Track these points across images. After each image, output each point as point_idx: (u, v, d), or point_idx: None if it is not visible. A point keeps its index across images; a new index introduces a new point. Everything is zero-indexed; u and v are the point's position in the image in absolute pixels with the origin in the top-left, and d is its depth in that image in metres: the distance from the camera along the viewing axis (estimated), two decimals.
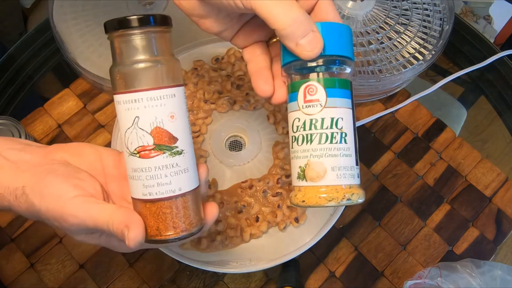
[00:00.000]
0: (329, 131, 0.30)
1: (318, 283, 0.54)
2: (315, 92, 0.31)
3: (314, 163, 0.30)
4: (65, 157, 0.34)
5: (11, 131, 0.51)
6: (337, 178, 0.30)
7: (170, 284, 0.54)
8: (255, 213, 0.48)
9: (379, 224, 0.57)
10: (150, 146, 0.30)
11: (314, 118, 0.30)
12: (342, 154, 0.30)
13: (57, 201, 0.31)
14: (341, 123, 0.31)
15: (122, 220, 0.30)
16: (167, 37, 0.32)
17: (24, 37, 0.67)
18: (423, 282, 0.51)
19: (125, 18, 0.30)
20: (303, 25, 0.30)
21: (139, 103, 0.30)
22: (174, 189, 0.31)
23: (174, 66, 0.32)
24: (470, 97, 0.69)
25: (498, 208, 0.59)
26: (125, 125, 0.31)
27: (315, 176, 0.30)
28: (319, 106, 0.30)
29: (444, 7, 0.64)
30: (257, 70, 0.36)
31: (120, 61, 0.31)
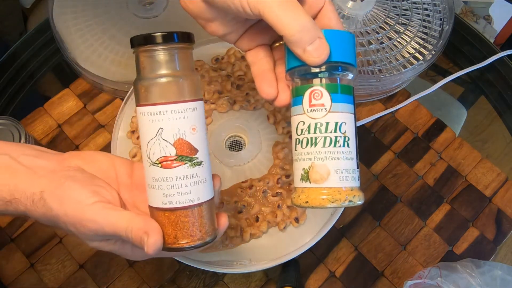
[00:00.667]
0: (333, 135, 0.31)
1: (318, 283, 0.54)
2: (320, 97, 0.31)
3: (318, 166, 0.31)
4: (80, 164, 0.34)
5: (11, 131, 0.51)
6: (339, 180, 0.31)
7: (170, 284, 0.54)
8: (255, 213, 0.48)
9: (379, 224, 0.57)
10: (172, 157, 0.32)
11: (319, 122, 0.31)
12: (345, 157, 0.31)
13: (76, 207, 0.31)
14: (344, 127, 0.31)
15: (142, 226, 0.31)
16: (190, 53, 0.33)
17: (24, 37, 0.67)
18: (423, 282, 0.51)
19: (154, 35, 0.32)
20: (311, 32, 0.31)
21: (163, 115, 0.31)
22: (193, 199, 0.32)
23: (196, 80, 0.33)
24: (470, 97, 0.69)
25: (498, 208, 0.59)
26: (148, 136, 0.32)
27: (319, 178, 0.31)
28: (324, 111, 0.31)
29: (444, 7, 0.64)
30: (260, 72, 0.36)
31: (145, 75, 0.32)
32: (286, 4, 0.31)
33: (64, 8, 0.64)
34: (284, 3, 0.31)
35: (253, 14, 0.31)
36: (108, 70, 0.60)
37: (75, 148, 0.60)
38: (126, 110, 0.53)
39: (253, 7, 0.30)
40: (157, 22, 0.64)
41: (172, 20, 0.64)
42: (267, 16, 0.30)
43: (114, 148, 0.51)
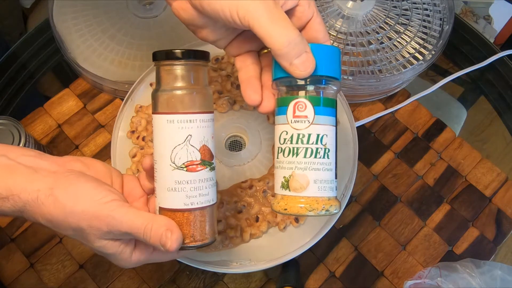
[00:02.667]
0: (314, 146, 0.32)
1: (318, 283, 0.54)
2: (304, 109, 0.33)
3: (298, 175, 0.32)
4: (81, 169, 0.35)
5: (11, 131, 0.51)
6: (318, 190, 0.32)
7: (170, 284, 0.54)
8: (255, 213, 0.48)
9: (379, 224, 0.57)
10: (197, 161, 0.34)
11: (301, 133, 0.33)
12: (324, 168, 0.33)
13: (94, 204, 0.32)
14: (325, 139, 0.33)
15: (164, 224, 0.33)
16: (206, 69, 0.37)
17: (24, 37, 0.67)
18: (423, 282, 0.51)
19: (187, 51, 0.34)
20: (298, 46, 0.32)
21: (193, 123, 0.34)
22: (210, 200, 0.35)
23: (212, 95, 0.37)
24: (470, 97, 0.69)
25: (498, 208, 0.59)
26: (176, 142, 0.34)
27: (299, 187, 0.32)
28: (307, 122, 0.33)
29: (444, 7, 0.64)
30: (247, 78, 0.37)
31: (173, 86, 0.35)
32: (275, 17, 0.31)
33: (64, 8, 0.64)
34: (273, 16, 0.31)
35: (243, 25, 0.32)
36: (108, 70, 0.60)
37: (75, 148, 0.60)
38: (126, 110, 0.53)
39: (243, 18, 0.31)
40: (157, 22, 0.64)
41: (172, 20, 0.64)
42: (256, 28, 0.31)
43: (114, 148, 0.51)
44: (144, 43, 0.63)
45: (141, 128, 0.52)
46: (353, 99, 0.62)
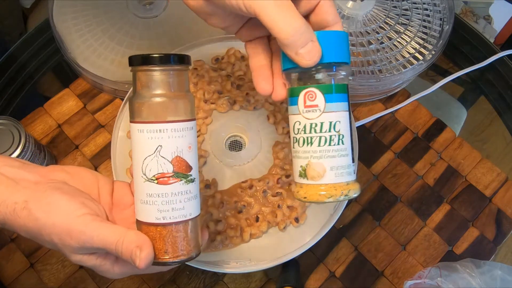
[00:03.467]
0: (327, 134, 0.32)
1: (318, 283, 0.54)
2: (315, 98, 0.32)
3: (315, 164, 0.32)
4: (64, 178, 0.35)
5: (11, 131, 0.51)
6: (335, 177, 0.32)
7: (170, 284, 0.54)
8: (255, 213, 0.48)
9: (379, 224, 0.57)
10: (169, 174, 0.33)
11: (313, 122, 0.32)
12: (340, 154, 0.33)
13: (65, 217, 0.31)
14: (338, 126, 0.33)
15: (134, 240, 0.31)
16: (187, 74, 0.35)
17: (24, 37, 0.67)
18: (423, 282, 0.51)
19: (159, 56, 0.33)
20: (304, 36, 0.31)
21: (163, 133, 0.32)
22: (186, 214, 0.33)
23: (192, 101, 0.35)
24: (470, 97, 0.69)
25: (498, 208, 0.59)
26: (145, 153, 0.32)
27: (316, 176, 0.32)
28: (318, 111, 0.32)
29: (444, 7, 0.64)
30: (258, 67, 0.37)
31: (145, 93, 0.33)
32: (280, 6, 0.31)
33: (64, 8, 0.64)
34: (278, 4, 0.31)
35: (249, 13, 0.31)
36: (108, 70, 0.60)
37: (75, 148, 0.60)
38: (126, 110, 0.53)
39: (249, 7, 0.31)
40: (157, 22, 0.64)
41: (172, 20, 0.64)
42: (262, 17, 0.31)
43: (114, 148, 0.51)
44: (144, 43, 0.63)
45: None
46: (353, 99, 0.62)
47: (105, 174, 0.59)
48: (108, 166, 0.59)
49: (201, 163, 0.50)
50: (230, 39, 0.57)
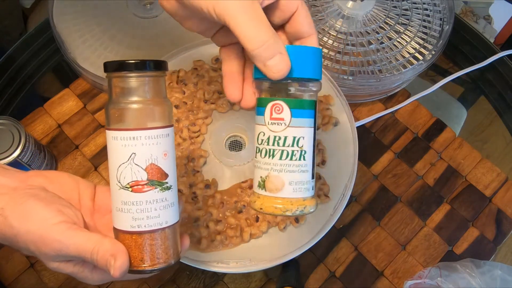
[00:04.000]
0: (290, 148, 0.32)
1: (318, 283, 0.54)
2: (281, 111, 0.32)
3: (274, 177, 0.32)
4: (43, 184, 0.34)
5: (11, 131, 0.51)
6: (293, 191, 0.32)
7: (170, 284, 0.54)
8: (255, 213, 0.48)
9: (379, 224, 0.57)
10: (143, 181, 0.32)
11: (277, 135, 0.32)
12: (300, 170, 0.33)
13: (40, 225, 0.31)
14: (302, 141, 0.33)
15: (109, 249, 0.31)
16: (164, 80, 0.34)
17: (24, 37, 0.67)
18: (423, 282, 0.51)
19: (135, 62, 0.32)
20: (272, 48, 0.31)
21: (137, 140, 0.32)
22: (162, 222, 0.33)
23: (169, 107, 0.34)
24: (470, 97, 0.69)
25: (498, 208, 0.59)
26: (120, 160, 0.32)
27: (274, 189, 0.32)
28: (283, 125, 0.32)
29: (444, 7, 0.64)
30: (229, 73, 0.37)
31: (119, 99, 0.33)
32: (250, 16, 0.31)
33: (64, 8, 0.64)
34: (248, 14, 0.31)
35: (219, 21, 0.32)
36: None
37: (75, 148, 0.60)
38: None
39: (219, 15, 0.31)
40: (157, 22, 0.64)
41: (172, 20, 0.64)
42: (231, 27, 0.31)
43: None
44: (144, 43, 0.63)
45: None
46: (353, 99, 0.62)
47: (105, 174, 0.59)
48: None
49: (201, 163, 0.50)
50: None
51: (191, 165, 0.50)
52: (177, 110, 0.52)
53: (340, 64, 0.59)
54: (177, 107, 0.52)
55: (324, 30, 0.61)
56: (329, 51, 0.60)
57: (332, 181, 0.50)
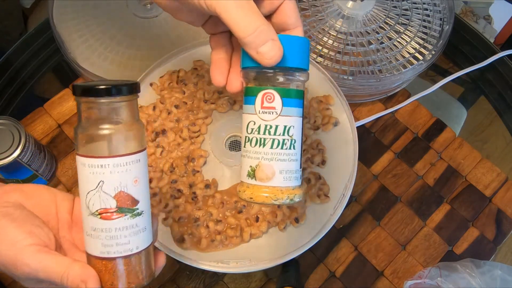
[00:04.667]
0: (281, 137, 0.33)
1: (318, 283, 0.54)
2: (272, 100, 0.33)
3: (265, 166, 0.33)
4: (20, 199, 0.34)
5: (11, 131, 0.51)
6: (283, 180, 0.33)
7: (170, 284, 0.54)
8: (255, 213, 0.48)
9: (379, 224, 0.57)
10: (112, 209, 0.31)
11: (269, 124, 0.33)
12: (290, 159, 0.33)
13: (11, 248, 0.31)
14: (292, 130, 0.33)
15: (79, 274, 0.31)
16: (134, 103, 0.33)
17: (24, 37, 0.67)
18: (423, 282, 0.51)
19: (98, 87, 0.30)
20: (264, 34, 0.31)
21: (105, 168, 0.31)
22: (132, 248, 0.32)
23: (140, 131, 0.33)
24: (470, 97, 0.69)
25: (498, 208, 0.59)
26: (88, 187, 0.31)
27: (264, 178, 0.33)
28: (275, 114, 0.33)
29: (444, 7, 0.64)
30: (217, 59, 0.38)
31: (87, 125, 0.31)
32: (241, 5, 0.31)
33: (64, 8, 0.64)
34: (239, 3, 0.31)
35: (210, 12, 0.32)
36: (108, 70, 0.60)
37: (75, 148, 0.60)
38: None
39: (210, 6, 0.31)
40: (157, 22, 0.64)
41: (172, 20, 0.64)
42: (222, 16, 0.31)
43: None
44: (144, 43, 0.63)
45: None
46: (353, 99, 0.62)
47: None
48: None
49: (201, 163, 0.50)
50: None
51: (191, 165, 0.50)
52: (177, 110, 0.52)
53: (340, 64, 0.59)
54: (177, 107, 0.52)
55: (324, 30, 0.61)
56: (329, 51, 0.60)
57: (332, 181, 0.50)
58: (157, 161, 0.50)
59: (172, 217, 0.48)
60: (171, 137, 0.51)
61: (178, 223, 0.48)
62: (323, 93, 0.54)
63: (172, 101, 0.53)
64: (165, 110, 0.52)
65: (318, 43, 0.60)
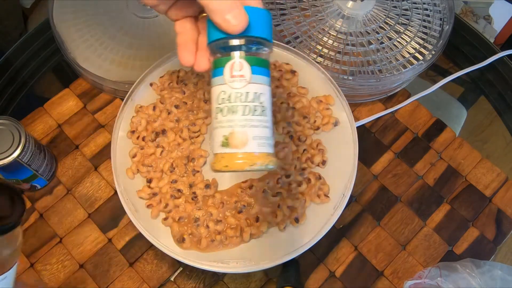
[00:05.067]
0: (252, 104, 0.34)
1: (318, 283, 0.54)
2: (241, 69, 0.34)
3: (238, 132, 0.33)
4: None
5: (11, 131, 0.51)
6: (257, 146, 0.33)
7: (170, 284, 0.54)
8: (255, 213, 0.48)
9: (379, 224, 0.57)
10: None
11: (239, 92, 0.34)
12: (262, 125, 0.34)
13: None
14: (262, 97, 0.34)
15: None
16: None
17: (24, 37, 0.67)
18: (423, 282, 0.51)
19: None
20: (230, 2, 0.33)
21: None
22: None
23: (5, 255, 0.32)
24: (470, 97, 0.69)
25: (498, 208, 0.59)
26: None
27: (239, 144, 0.33)
28: (244, 81, 0.34)
29: (444, 7, 0.64)
30: (183, 42, 0.39)
31: None
32: None
33: (64, 8, 0.64)
34: None
35: None
36: (108, 70, 0.60)
37: (75, 148, 0.60)
38: (126, 110, 0.53)
39: None
40: (157, 22, 0.64)
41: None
42: None
43: (114, 148, 0.51)
44: (144, 43, 0.63)
45: (141, 128, 0.52)
46: (353, 99, 0.62)
47: (105, 174, 0.59)
48: (108, 166, 0.59)
49: (201, 163, 0.50)
50: None
51: (191, 165, 0.50)
52: (177, 110, 0.52)
53: (340, 64, 0.59)
54: (177, 107, 0.52)
55: (324, 30, 0.61)
56: (329, 51, 0.60)
57: (332, 181, 0.50)
58: (157, 161, 0.50)
59: (172, 217, 0.48)
60: (171, 137, 0.51)
61: (178, 223, 0.48)
62: (323, 93, 0.54)
63: (172, 101, 0.53)
64: (165, 110, 0.52)
65: (318, 43, 0.60)
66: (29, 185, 0.56)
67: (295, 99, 0.53)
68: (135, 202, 0.49)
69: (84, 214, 0.57)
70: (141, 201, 0.49)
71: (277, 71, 0.55)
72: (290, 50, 0.56)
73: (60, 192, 0.58)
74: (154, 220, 0.48)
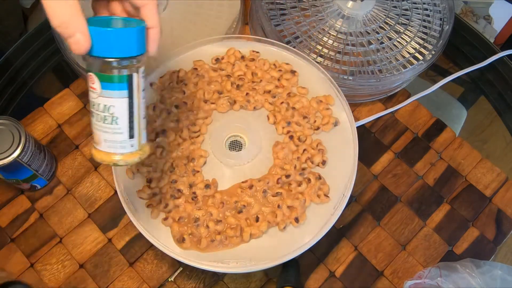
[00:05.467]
0: (102, 113, 0.37)
1: (318, 283, 0.54)
2: (94, 83, 0.37)
3: (95, 133, 0.38)
4: None
5: (11, 131, 0.51)
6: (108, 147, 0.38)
7: (170, 284, 0.54)
8: (255, 213, 0.48)
9: (379, 224, 0.57)
10: None
11: (93, 101, 0.37)
12: (114, 132, 0.38)
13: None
14: (112, 109, 0.37)
15: None
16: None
17: (24, 37, 0.67)
18: (423, 282, 0.51)
19: None
20: (70, 28, 0.35)
21: None
22: None
23: None
24: (470, 97, 0.69)
25: (498, 208, 0.59)
26: None
27: (97, 142, 0.38)
28: (96, 94, 0.37)
29: (444, 7, 0.64)
30: None
31: None
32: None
33: None
34: None
35: None
36: None
37: (75, 148, 0.60)
38: None
39: None
40: None
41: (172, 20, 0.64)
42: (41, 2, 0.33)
43: None
44: None
45: None
46: (353, 99, 0.62)
47: (105, 174, 0.59)
48: (108, 166, 0.59)
49: (201, 163, 0.50)
50: (230, 39, 0.57)
51: (191, 165, 0.50)
52: (177, 110, 0.52)
53: (340, 64, 0.59)
54: (177, 107, 0.52)
55: (324, 30, 0.61)
56: (329, 51, 0.60)
57: (332, 181, 0.50)
58: (157, 161, 0.50)
59: (172, 217, 0.48)
60: (171, 137, 0.51)
61: (178, 223, 0.48)
62: (323, 93, 0.54)
63: (172, 101, 0.53)
64: (165, 110, 0.52)
65: (318, 43, 0.60)
66: (29, 185, 0.56)
67: (295, 99, 0.53)
68: (135, 202, 0.49)
69: (84, 214, 0.57)
70: (141, 201, 0.49)
71: (277, 71, 0.55)
72: (290, 50, 0.56)
73: (60, 192, 0.58)
74: (154, 220, 0.48)
